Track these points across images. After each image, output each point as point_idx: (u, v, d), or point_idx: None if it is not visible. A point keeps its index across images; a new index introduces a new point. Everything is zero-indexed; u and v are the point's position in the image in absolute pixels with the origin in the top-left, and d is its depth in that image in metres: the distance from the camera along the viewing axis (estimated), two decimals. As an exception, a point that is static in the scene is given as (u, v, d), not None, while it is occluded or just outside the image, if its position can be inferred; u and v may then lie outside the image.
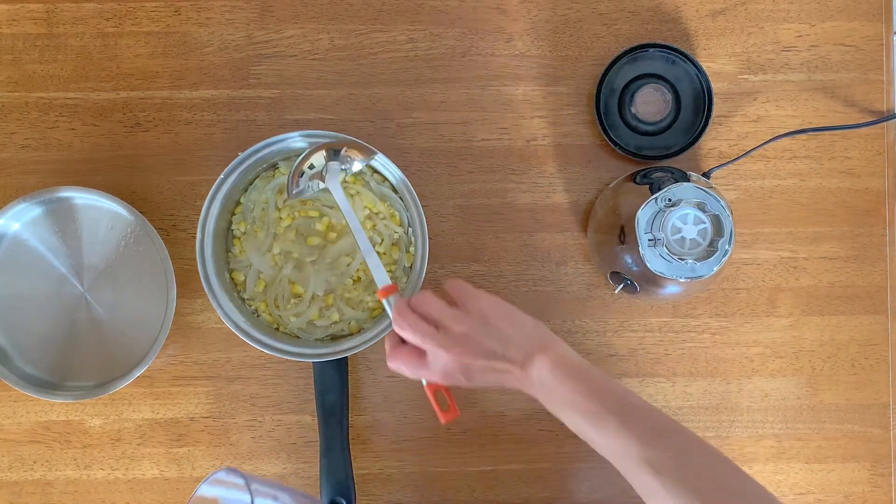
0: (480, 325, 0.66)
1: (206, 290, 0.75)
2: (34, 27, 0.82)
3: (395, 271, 0.78)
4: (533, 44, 0.82)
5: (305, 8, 0.82)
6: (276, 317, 0.79)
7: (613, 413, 0.61)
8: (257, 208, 0.79)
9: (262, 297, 0.79)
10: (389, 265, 0.78)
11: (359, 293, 0.78)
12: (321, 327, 0.79)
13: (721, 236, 0.68)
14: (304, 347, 0.77)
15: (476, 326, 0.66)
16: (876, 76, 0.83)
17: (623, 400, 0.63)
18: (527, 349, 0.65)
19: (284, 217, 0.78)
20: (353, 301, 0.78)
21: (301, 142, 0.76)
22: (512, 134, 0.82)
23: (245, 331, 0.76)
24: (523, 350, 0.65)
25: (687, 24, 0.82)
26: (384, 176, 0.79)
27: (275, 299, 0.79)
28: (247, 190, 0.80)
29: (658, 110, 0.81)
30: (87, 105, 0.82)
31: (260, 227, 0.79)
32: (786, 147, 0.83)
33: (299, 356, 0.76)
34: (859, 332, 0.83)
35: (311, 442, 0.82)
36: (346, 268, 0.78)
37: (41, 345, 0.79)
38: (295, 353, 0.76)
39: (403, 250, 0.79)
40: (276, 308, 0.79)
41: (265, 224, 0.79)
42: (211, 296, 0.75)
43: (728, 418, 0.83)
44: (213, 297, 0.75)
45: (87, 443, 0.82)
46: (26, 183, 0.81)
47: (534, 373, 0.64)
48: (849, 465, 0.83)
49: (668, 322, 0.83)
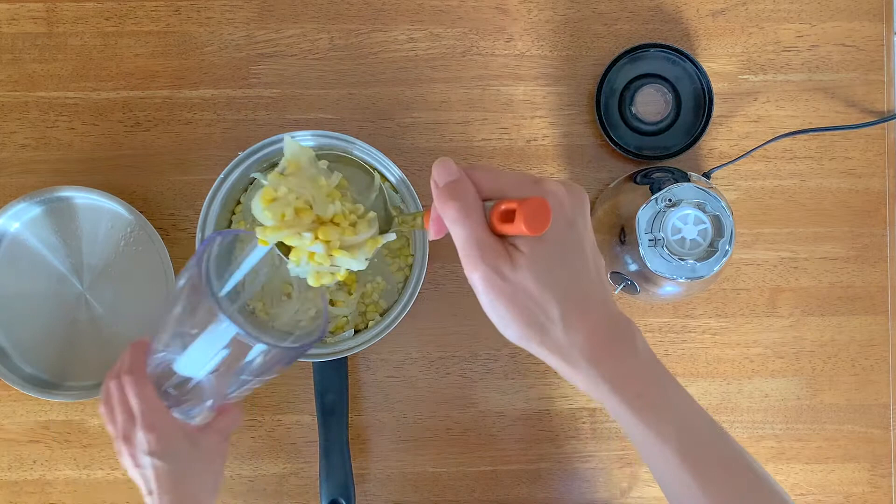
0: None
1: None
2: (34, 26, 0.82)
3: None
4: (533, 44, 0.82)
5: (305, 7, 0.82)
6: (271, 315, 0.79)
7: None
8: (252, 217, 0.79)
9: (259, 295, 0.79)
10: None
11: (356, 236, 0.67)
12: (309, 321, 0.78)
13: (721, 236, 0.68)
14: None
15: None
16: (876, 76, 0.83)
17: None
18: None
19: None
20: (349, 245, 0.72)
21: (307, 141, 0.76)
22: (512, 134, 0.82)
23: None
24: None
25: (687, 24, 0.82)
26: (385, 176, 0.79)
27: (271, 298, 0.79)
28: (247, 189, 0.80)
29: (658, 110, 0.81)
30: (87, 104, 0.82)
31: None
32: (786, 147, 0.83)
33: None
34: (859, 333, 0.83)
35: (311, 442, 0.82)
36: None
37: (41, 344, 0.79)
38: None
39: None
40: (272, 307, 0.79)
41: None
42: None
43: (728, 419, 0.83)
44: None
45: (86, 442, 0.82)
46: (26, 182, 0.81)
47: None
48: (849, 466, 0.83)
49: (669, 322, 0.83)
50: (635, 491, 0.83)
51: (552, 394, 0.82)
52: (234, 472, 0.82)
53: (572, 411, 0.83)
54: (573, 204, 0.49)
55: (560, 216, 0.48)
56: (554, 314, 0.48)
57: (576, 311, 0.48)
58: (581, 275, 0.49)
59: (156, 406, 0.62)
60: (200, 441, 0.64)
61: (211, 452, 0.64)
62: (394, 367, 0.82)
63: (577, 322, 0.48)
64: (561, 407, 0.83)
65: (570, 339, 0.48)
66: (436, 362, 0.82)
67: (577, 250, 0.49)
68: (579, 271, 0.49)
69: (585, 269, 0.49)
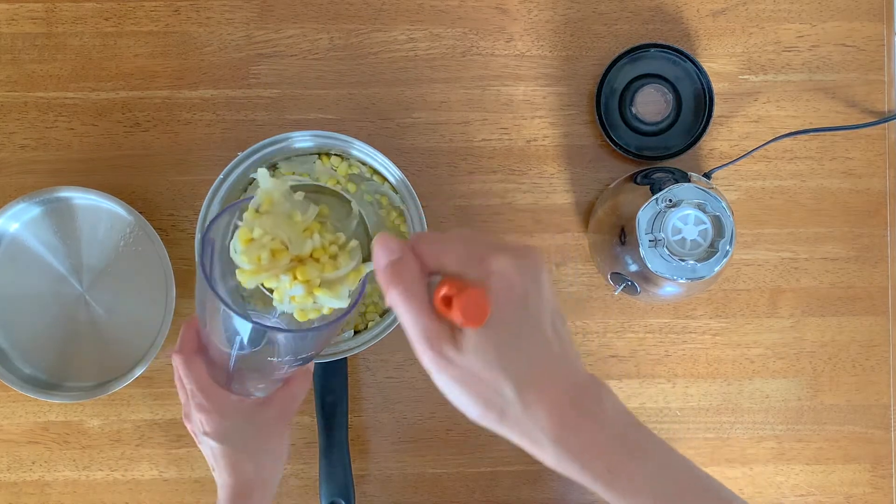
0: None
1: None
2: (33, 26, 0.81)
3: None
4: (533, 44, 0.82)
5: (305, 7, 0.82)
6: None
7: None
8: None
9: None
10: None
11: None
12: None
13: (722, 237, 0.68)
14: None
15: None
16: (877, 76, 0.82)
17: None
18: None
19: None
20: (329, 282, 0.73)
21: (307, 141, 0.76)
22: (512, 134, 0.82)
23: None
24: None
25: (687, 24, 0.82)
26: (384, 177, 0.78)
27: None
28: (246, 189, 0.80)
29: (659, 110, 0.81)
30: (86, 105, 0.82)
31: None
32: (786, 147, 0.82)
33: None
34: (860, 333, 0.83)
35: (311, 443, 0.82)
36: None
37: (40, 345, 0.79)
38: None
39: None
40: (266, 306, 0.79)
41: None
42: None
43: (729, 419, 0.83)
44: None
45: (85, 444, 0.82)
46: (25, 183, 0.81)
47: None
48: (850, 467, 0.83)
49: (669, 323, 0.82)
50: None
51: (552, 394, 0.82)
52: (234, 473, 0.82)
53: (572, 412, 0.82)
54: (524, 280, 0.46)
55: (508, 299, 0.45)
56: (509, 396, 0.45)
57: (533, 390, 0.45)
58: (537, 351, 0.46)
59: (205, 385, 0.62)
60: (258, 420, 0.63)
61: (269, 432, 0.64)
62: (394, 368, 0.82)
63: (535, 401, 0.45)
64: (561, 408, 0.82)
65: (532, 419, 0.46)
66: (436, 363, 0.82)
67: (530, 328, 0.46)
68: (534, 348, 0.46)
69: (543, 343, 0.47)
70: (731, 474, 0.83)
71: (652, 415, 0.83)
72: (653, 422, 0.83)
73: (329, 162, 0.77)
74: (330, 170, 0.77)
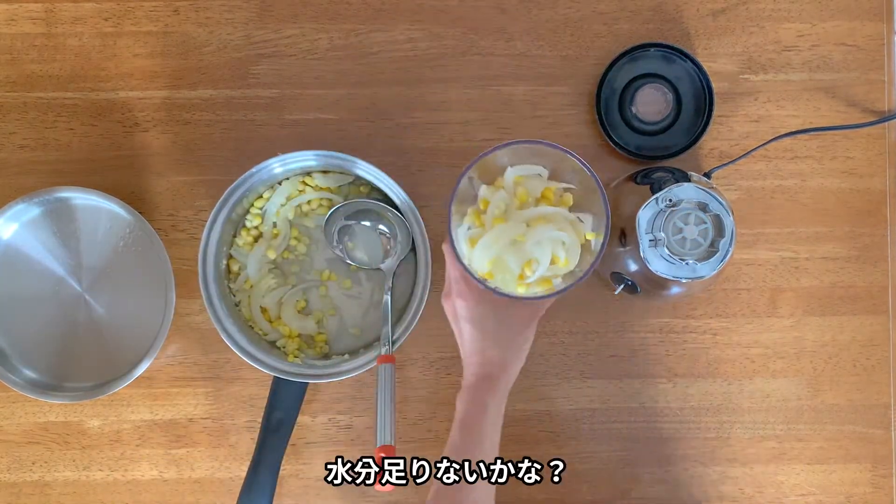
0: None
1: (204, 298, 0.75)
2: (33, 27, 0.81)
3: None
4: (533, 43, 0.82)
5: (305, 7, 0.82)
6: (256, 319, 0.80)
7: None
8: (269, 220, 0.80)
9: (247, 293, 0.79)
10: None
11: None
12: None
13: (722, 237, 0.68)
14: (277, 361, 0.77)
15: None
16: (877, 76, 0.82)
17: None
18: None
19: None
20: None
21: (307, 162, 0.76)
22: (512, 134, 0.82)
23: (235, 339, 0.76)
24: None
25: (687, 24, 0.82)
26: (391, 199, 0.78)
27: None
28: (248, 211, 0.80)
29: (659, 110, 0.81)
30: (85, 105, 0.82)
31: (264, 242, 0.79)
32: (787, 147, 0.82)
33: (269, 368, 0.76)
34: (861, 333, 0.83)
35: (310, 444, 0.82)
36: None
37: (40, 346, 0.79)
38: (266, 365, 0.76)
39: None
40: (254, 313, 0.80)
41: (267, 238, 0.79)
42: (208, 303, 0.76)
43: (729, 419, 0.82)
44: (210, 306, 0.76)
45: (85, 444, 0.82)
46: (25, 183, 0.81)
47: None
48: (850, 466, 0.83)
49: (669, 323, 0.82)
50: (636, 492, 0.82)
51: (552, 394, 0.82)
52: (234, 472, 0.82)
53: (573, 412, 0.82)
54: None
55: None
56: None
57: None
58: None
59: (466, 276, 0.68)
60: (507, 313, 0.69)
61: (519, 325, 0.70)
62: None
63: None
64: (561, 407, 0.82)
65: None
66: (435, 363, 0.82)
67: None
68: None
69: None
70: (731, 474, 0.83)
71: (652, 415, 0.82)
72: (653, 422, 0.83)
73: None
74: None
